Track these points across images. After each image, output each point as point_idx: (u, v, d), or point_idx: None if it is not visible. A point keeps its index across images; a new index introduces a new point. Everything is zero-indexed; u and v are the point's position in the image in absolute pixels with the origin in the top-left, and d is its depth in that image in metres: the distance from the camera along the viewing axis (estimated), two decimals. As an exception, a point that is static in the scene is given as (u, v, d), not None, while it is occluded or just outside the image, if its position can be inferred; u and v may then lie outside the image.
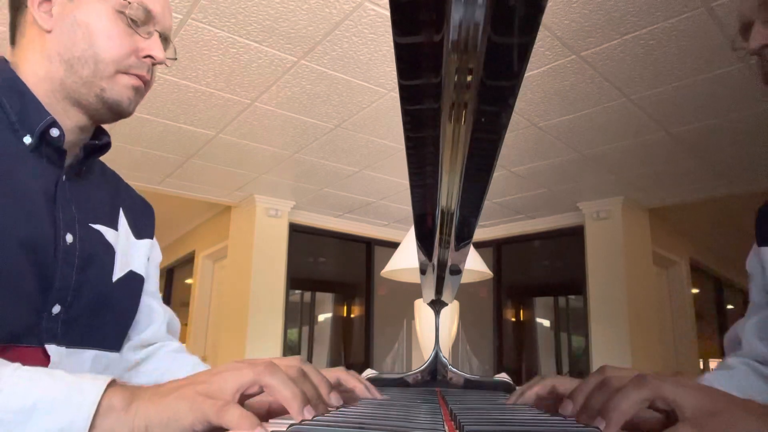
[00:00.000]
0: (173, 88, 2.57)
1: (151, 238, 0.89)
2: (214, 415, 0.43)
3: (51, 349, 0.66)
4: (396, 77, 0.36)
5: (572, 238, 4.50)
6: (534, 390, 0.62)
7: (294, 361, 0.55)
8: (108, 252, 0.77)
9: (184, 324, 5.43)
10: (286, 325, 4.44)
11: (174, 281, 6.47)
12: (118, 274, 0.77)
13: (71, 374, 0.46)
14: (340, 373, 0.69)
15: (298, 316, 4.87)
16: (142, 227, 0.87)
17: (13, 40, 0.75)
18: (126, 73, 0.73)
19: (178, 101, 2.70)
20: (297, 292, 4.91)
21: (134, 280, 0.82)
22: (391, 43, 0.35)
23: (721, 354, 0.92)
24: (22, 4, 0.72)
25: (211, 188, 4.17)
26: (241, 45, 2.20)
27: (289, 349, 4.60)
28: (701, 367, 5.86)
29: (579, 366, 4.45)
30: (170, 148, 3.33)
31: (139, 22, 0.73)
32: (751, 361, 0.83)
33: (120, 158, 3.45)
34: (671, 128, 2.90)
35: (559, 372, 4.67)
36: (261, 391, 0.48)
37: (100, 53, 0.70)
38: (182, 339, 3.61)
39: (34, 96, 0.70)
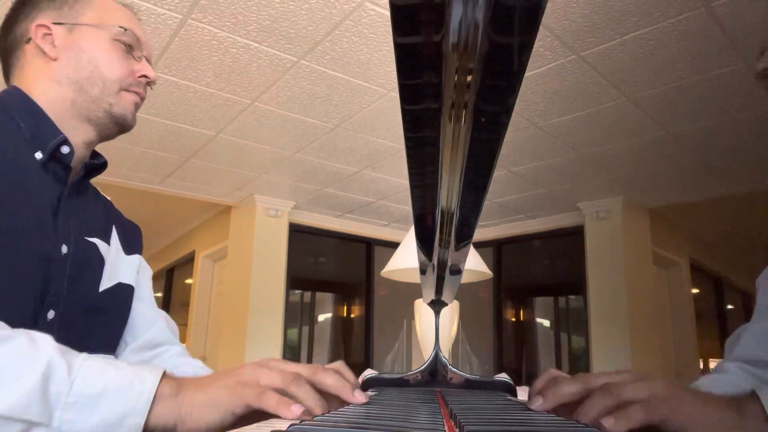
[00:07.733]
0: (173, 88, 2.57)
1: (140, 254, 0.96)
2: (254, 399, 0.50)
3: None
4: (396, 77, 0.36)
5: (572, 238, 4.50)
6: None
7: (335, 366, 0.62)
8: (99, 264, 0.82)
9: (184, 324, 5.42)
10: (286, 325, 4.44)
11: (174, 281, 6.47)
12: (105, 285, 0.83)
13: (131, 364, 0.52)
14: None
15: (298, 316, 4.86)
16: (132, 244, 0.94)
17: (7, 77, 0.84)
18: (127, 90, 0.84)
19: (178, 101, 2.70)
20: (297, 292, 4.90)
21: (123, 290, 0.87)
22: (391, 43, 0.35)
23: (722, 354, 0.93)
24: (17, 44, 0.82)
25: (211, 188, 4.17)
26: (241, 45, 2.20)
27: (289, 349, 4.60)
28: (701, 366, 5.86)
29: (579, 366, 4.45)
30: (170, 148, 3.33)
31: (132, 48, 0.85)
32: (744, 364, 0.86)
33: (120, 158, 3.45)
34: (671, 128, 2.90)
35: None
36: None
37: (105, 74, 0.81)
38: (182, 339, 3.60)
39: (47, 116, 0.78)
